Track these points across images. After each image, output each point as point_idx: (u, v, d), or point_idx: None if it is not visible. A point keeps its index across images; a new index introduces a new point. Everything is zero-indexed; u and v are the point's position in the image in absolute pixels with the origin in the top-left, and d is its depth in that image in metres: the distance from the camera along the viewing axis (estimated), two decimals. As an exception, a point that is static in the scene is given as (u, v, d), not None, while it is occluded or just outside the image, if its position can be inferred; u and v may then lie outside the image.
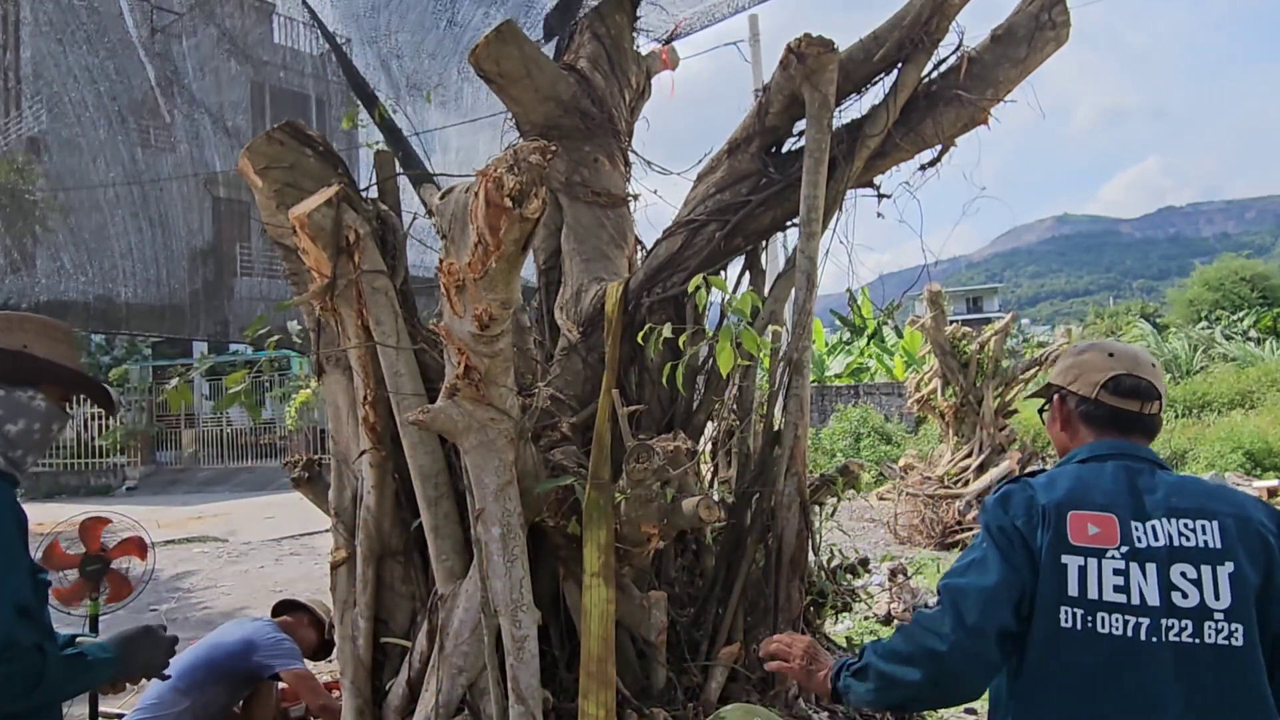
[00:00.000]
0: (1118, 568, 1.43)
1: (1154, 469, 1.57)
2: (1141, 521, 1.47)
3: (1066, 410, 1.71)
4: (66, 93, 6.74)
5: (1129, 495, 1.51)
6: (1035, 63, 2.72)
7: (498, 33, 2.90)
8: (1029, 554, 1.47)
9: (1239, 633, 1.38)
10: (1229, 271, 35.20)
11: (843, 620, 5.37)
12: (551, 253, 3.37)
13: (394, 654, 2.65)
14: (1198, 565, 1.42)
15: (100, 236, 7.00)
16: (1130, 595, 1.42)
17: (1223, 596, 1.40)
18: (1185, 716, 1.38)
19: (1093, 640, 1.41)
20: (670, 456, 2.19)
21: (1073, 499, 1.50)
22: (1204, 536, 1.45)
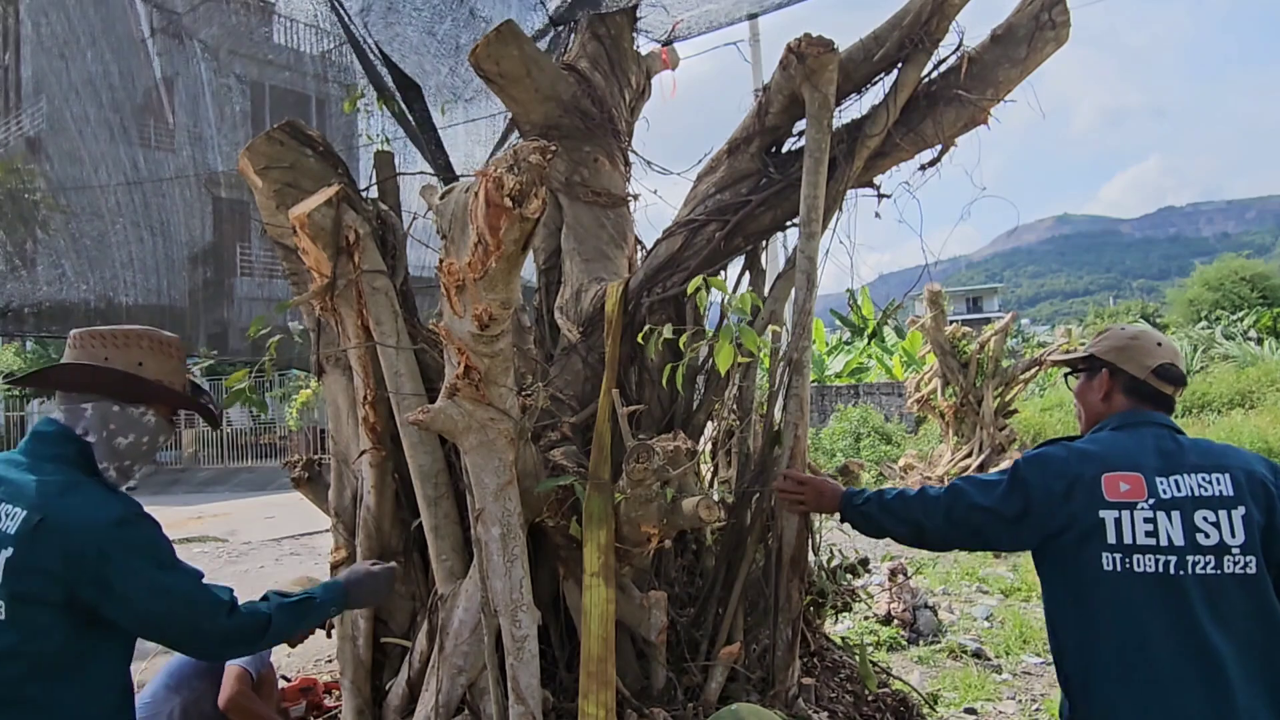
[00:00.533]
0: (1147, 516, 1.78)
1: (1174, 434, 1.93)
2: (1166, 477, 1.81)
3: (1114, 384, 2.02)
4: (66, 93, 6.74)
5: (1156, 456, 1.86)
6: (1035, 63, 2.72)
7: (498, 33, 2.90)
8: (1027, 501, 1.88)
9: (1252, 563, 1.75)
10: (1229, 271, 35.19)
11: (843, 620, 5.37)
12: (551, 253, 3.37)
13: (394, 654, 2.65)
14: (1216, 510, 1.77)
15: (100, 237, 6.99)
16: (1159, 538, 1.77)
17: (1238, 535, 1.75)
18: (1213, 632, 1.71)
19: (1132, 578, 1.77)
20: (670, 456, 2.19)
21: (1106, 464, 1.85)
22: (1219, 487, 1.80)
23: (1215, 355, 22.45)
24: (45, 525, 1.60)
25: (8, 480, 1.69)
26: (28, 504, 1.63)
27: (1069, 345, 10.23)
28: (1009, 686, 5.17)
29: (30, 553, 1.59)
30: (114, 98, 6.88)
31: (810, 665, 3.04)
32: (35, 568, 1.59)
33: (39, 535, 1.59)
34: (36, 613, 1.60)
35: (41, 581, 1.59)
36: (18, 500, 1.64)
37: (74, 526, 1.61)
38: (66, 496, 1.66)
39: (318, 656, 5.57)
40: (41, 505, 1.62)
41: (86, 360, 1.79)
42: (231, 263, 10.11)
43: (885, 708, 2.96)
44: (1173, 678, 1.73)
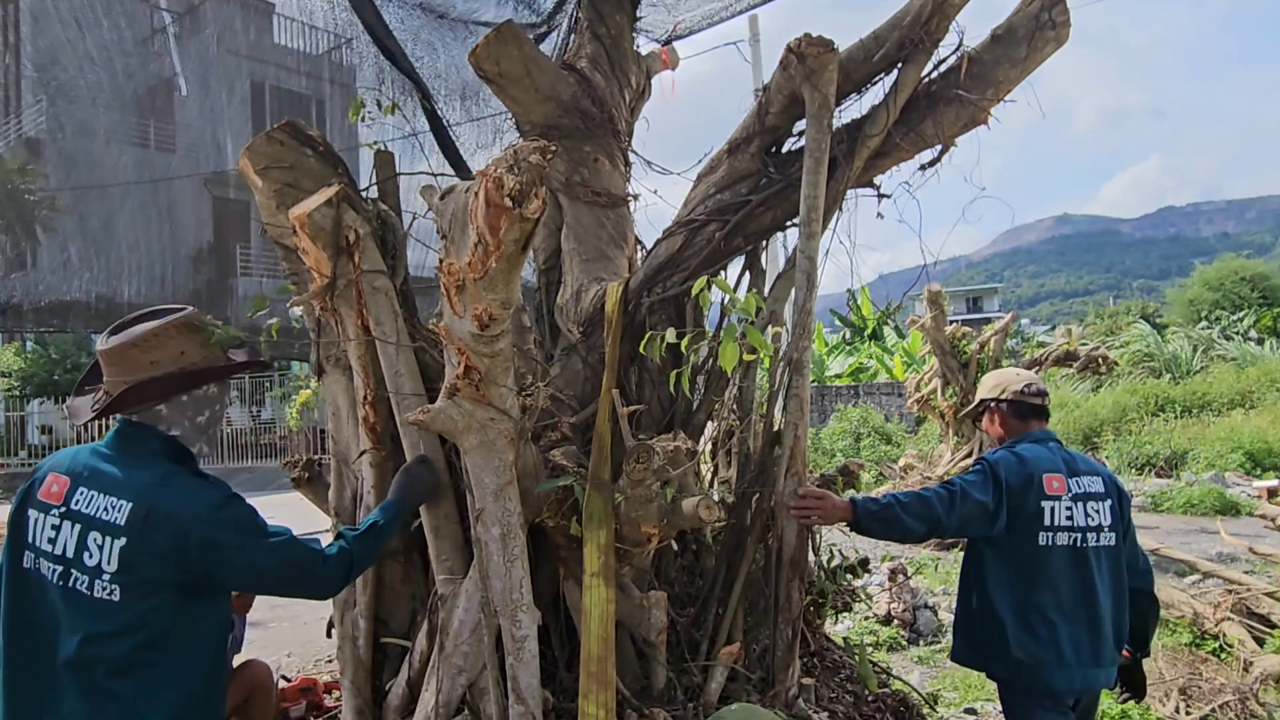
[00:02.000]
0: (1067, 505, 2.52)
1: (1061, 446, 2.72)
2: (1073, 477, 2.57)
3: (1003, 413, 2.80)
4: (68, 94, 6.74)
5: (1063, 463, 2.61)
6: (1035, 63, 2.72)
7: (498, 33, 2.90)
8: (1002, 496, 2.51)
9: (1113, 538, 2.55)
10: (1229, 271, 35.17)
11: (843, 620, 5.37)
12: (551, 253, 3.37)
13: (394, 654, 2.65)
14: (1098, 502, 2.56)
15: (100, 237, 6.99)
16: (1074, 521, 2.52)
17: (1109, 519, 2.55)
18: (1102, 588, 2.50)
19: (1056, 550, 2.50)
20: (670, 456, 2.19)
21: (1040, 467, 2.56)
22: (1097, 486, 2.59)
23: (1215, 355, 22.45)
24: (154, 515, 1.76)
25: (100, 472, 1.83)
26: (133, 496, 1.78)
27: (1069, 345, 10.23)
28: (1009, 686, 5.16)
29: (142, 541, 1.74)
30: (116, 99, 6.88)
31: (810, 665, 3.04)
32: (150, 554, 1.75)
33: (149, 525, 1.75)
34: (150, 593, 1.76)
35: (157, 566, 1.75)
36: (119, 493, 1.79)
37: (182, 514, 1.77)
38: (168, 488, 1.82)
39: (318, 657, 5.57)
40: (148, 497, 1.78)
41: (138, 375, 1.91)
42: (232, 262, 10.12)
43: (885, 708, 2.96)
44: (1074, 615, 2.48)
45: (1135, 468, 15.06)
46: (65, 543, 1.78)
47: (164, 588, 1.78)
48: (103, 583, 1.74)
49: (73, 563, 1.77)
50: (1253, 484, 12.74)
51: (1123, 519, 2.59)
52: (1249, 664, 4.68)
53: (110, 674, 1.75)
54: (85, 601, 1.76)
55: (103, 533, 1.76)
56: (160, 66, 6.93)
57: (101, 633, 1.75)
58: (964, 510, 2.49)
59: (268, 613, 6.99)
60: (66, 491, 1.82)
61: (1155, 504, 12.04)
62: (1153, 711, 4.17)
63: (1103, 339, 23.64)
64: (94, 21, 6.44)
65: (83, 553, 1.77)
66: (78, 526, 1.78)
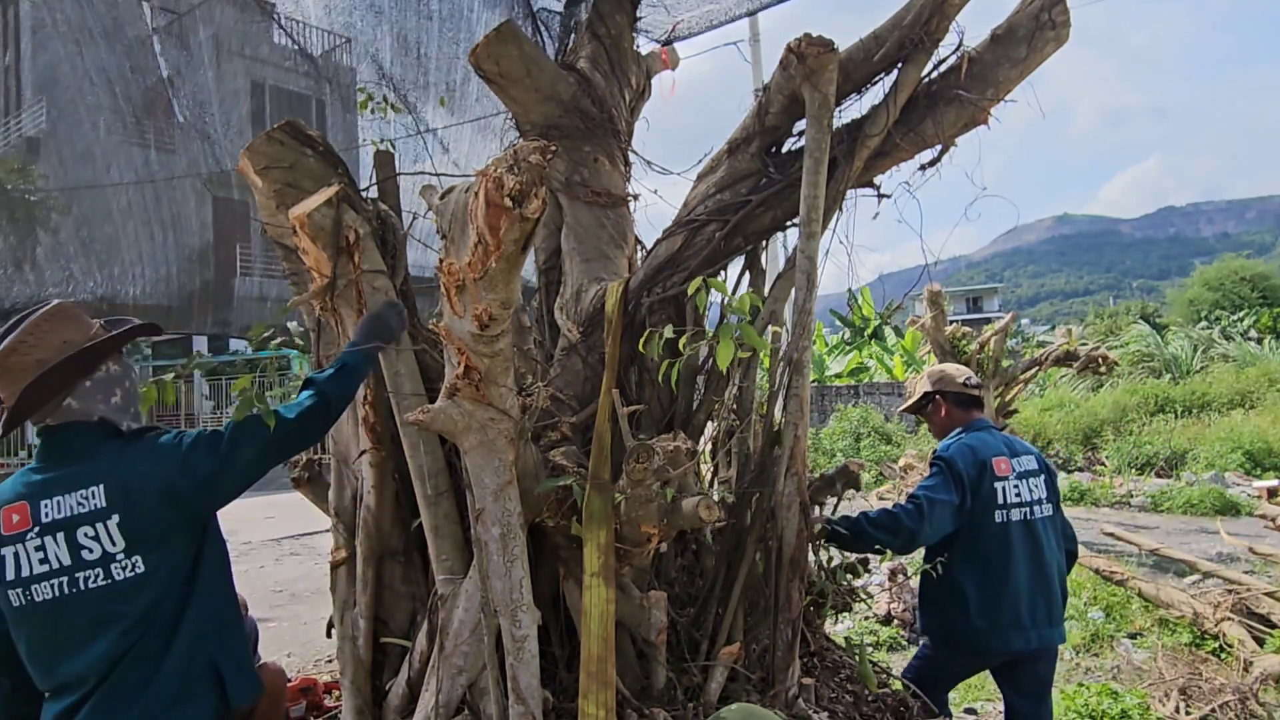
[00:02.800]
0: (1014, 484, 2.89)
1: (997, 432, 3.08)
2: (1015, 458, 2.94)
3: (948, 403, 3.17)
4: (68, 95, 6.74)
5: (1005, 447, 2.97)
6: (1035, 63, 2.72)
7: (498, 33, 2.90)
8: (964, 488, 2.84)
9: (1051, 508, 2.96)
10: (1229, 271, 35.18)
11: (843, 620, 5.37)
12: (551, 253, 3.37)
13: (394, 654, 2.65)
14: (1034, 478, 2.93)
15: (100, 238, 6.99)
16: (1022, 497, 2.88)
17: (1044, 492, 2.95)
18: (1050, 555, 2.90)
19: (1010, 525, 2.86)
20: (670, 456, 2.19)
21: (988, 452, 2.91)
22: (1031, 465, 2.96)
23: (1215, 355, 22.45)
24: (130, 484, 1.79)
25: (51, 481, 1.82)
26: (99, 479, 1.79)
27: (1069, 345, 10.23)
28: (1009, 686, 5.16)
29: (134, 508, 1.78)
30: (116, 99, 6.88)
31: (810, 665, 3.04)
32: (147, 516, 1.79)
33: (131, 493, 1.79)
34: (166, 551, 1.81)
35: (161, 522, 1.81)
36: (83, 484, 1.79)
37: (156, 471, 1.82)
38: (125, 456, 1.85)
39: (318, 657, 5.57)
40: (113, 473, 1.80)
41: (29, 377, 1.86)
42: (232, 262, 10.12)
43: (885, 708, 2.96)
44: (1031, 583, 2.84)
45: (1135, 468, 15.06)
46: (56, 555, 1.76)
47: (177, 541, 1.84)
48: (120, 564, 1.76)
49: (74, 567, 1.76)
50: (1253, 484, 12.74)
51: (1054, 491, 3.01)
52: (1249, 664, 4.68)
53: (157, 651, 1.78)
54: (108, 594, 1.76)
55: (91, 523, 1.76)
56: (160, 66, 6.93)
57: (134, 611, 1.77)
58: (935, 516, 2.81)
59: (268, 612, 6.99)
60: (30, 513, 1.78)
61: (1155, 504, 12.04)
62: (1153, 711, 4.17)
63: (1102, 339, 23.63)
64: (94, 22, 6.43)
65: (80, 552, 1.75)
66: (61, 534, 1.76)
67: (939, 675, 3.10)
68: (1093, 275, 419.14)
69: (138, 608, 1.78)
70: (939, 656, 3.08)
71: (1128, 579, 6.26)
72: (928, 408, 3.25)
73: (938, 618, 3.01)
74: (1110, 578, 6.45)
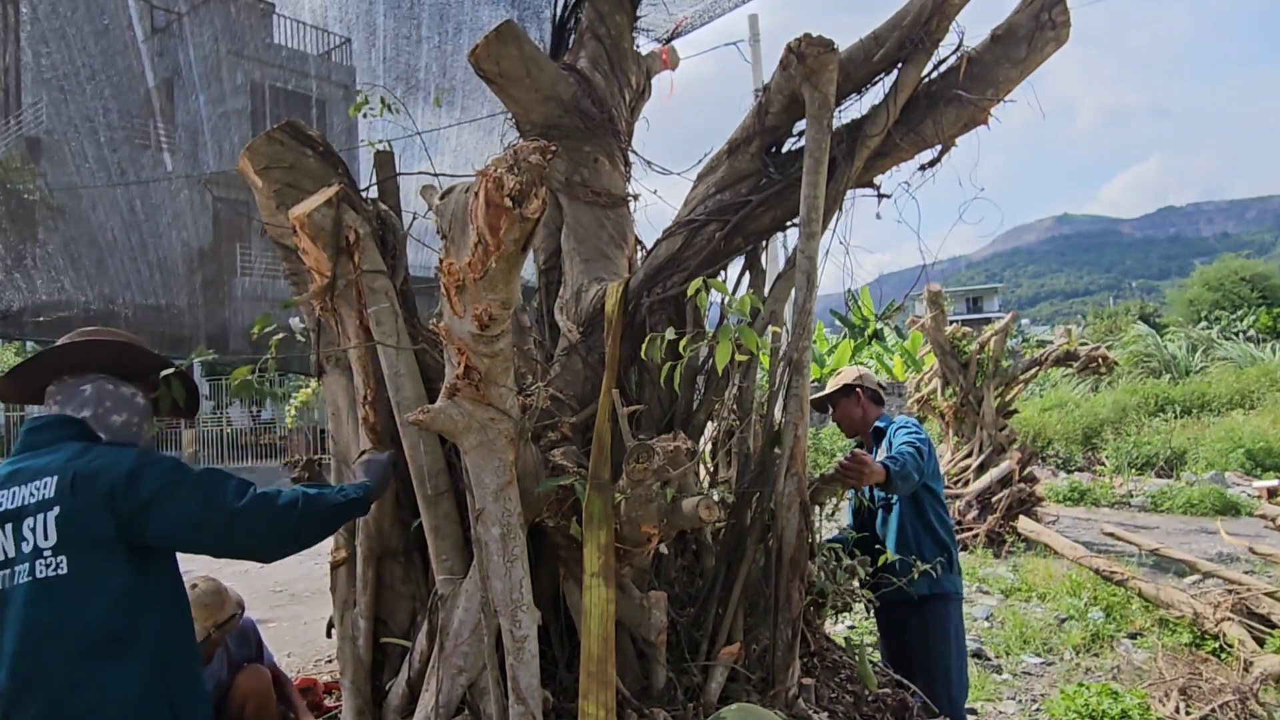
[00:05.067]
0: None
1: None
2: None
3: (866, 399, 3.71)
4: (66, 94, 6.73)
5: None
6: (1035, 63, 2.71)
7: (498, 33, 2.90)
8: (930, 449, 3.41)
9: None
10: (1229, 271, 35.20)
11: (843, 620, 5.37)
12: (551, 253, 3.37)
13: (394, 654, 2.65)
14: None
15: (100, 238, 6.99)
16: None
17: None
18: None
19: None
20: (670, 456, 2.19)
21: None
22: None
23: (1215, 355, 22.44)
24: (79, 479, 1.77)
25: (16, 471, 1.83)
26: (55, 471, 1.79)
27: (1069, 345, 10.23)
28: (1009, 686, 5.17)
29: (74, 503, 1.75)
30: (115, 99, 6.88)
31: (810, 665, 3.04)
32: (83, 514, 1.74)
33: (76, 487, 1.76)
34: (97, 556, 1.75)
35: (94, 523, 1.75)
36: (40, 476, 1.79)
37: (105, 472, 1.78)
38: (86, 456, 1.83)
39: (318, 657, 5.57)
40: (69, 467, 1.79)
41: (81, 339, 1.99)
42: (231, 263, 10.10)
43: (885, 708, 2.96)
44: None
45: (1135, 468, 15.05)
46: (2, 546, 1.75)
47: (109, 549, 1.76)
48: (44, 560, 1.72)
49: (15, 560, 1.74)
50: (1253, 484, 12.74)
51: None
52: (1249, 664, 4.68)
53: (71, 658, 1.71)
54: (32, 591, 1.72)
55: (35, 514, 1.75)
56: (160, 66, 6.93)
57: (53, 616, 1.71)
58: (928, 464, 3.34)
59: (268, 612, 6.99)
60: None
61: (1155, 504, 12.04)
62: (1153, 711, 4.17)
63: (1102, 339, 23.61)
64: (93, 22, 6.43)
65: (21, 544, 1.74)
66: (10, 525, 1.76)
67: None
68: (1093, 275, 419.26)
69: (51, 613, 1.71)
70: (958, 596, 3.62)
71: (1128, 579, 6.26)
72: (846, 399, 3.71)
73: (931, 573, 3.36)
74: (1110, 578, 6.45)
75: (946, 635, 3.53)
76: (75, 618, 1.72)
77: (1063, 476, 14.60)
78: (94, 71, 6.61)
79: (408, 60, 4.21)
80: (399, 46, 4.19)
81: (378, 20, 4.06)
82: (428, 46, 4.20)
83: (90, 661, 1.72)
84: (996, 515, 9.13)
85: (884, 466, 3.11)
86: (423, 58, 4.24)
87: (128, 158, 7.19)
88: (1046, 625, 6.17)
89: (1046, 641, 5.85)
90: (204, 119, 7.32)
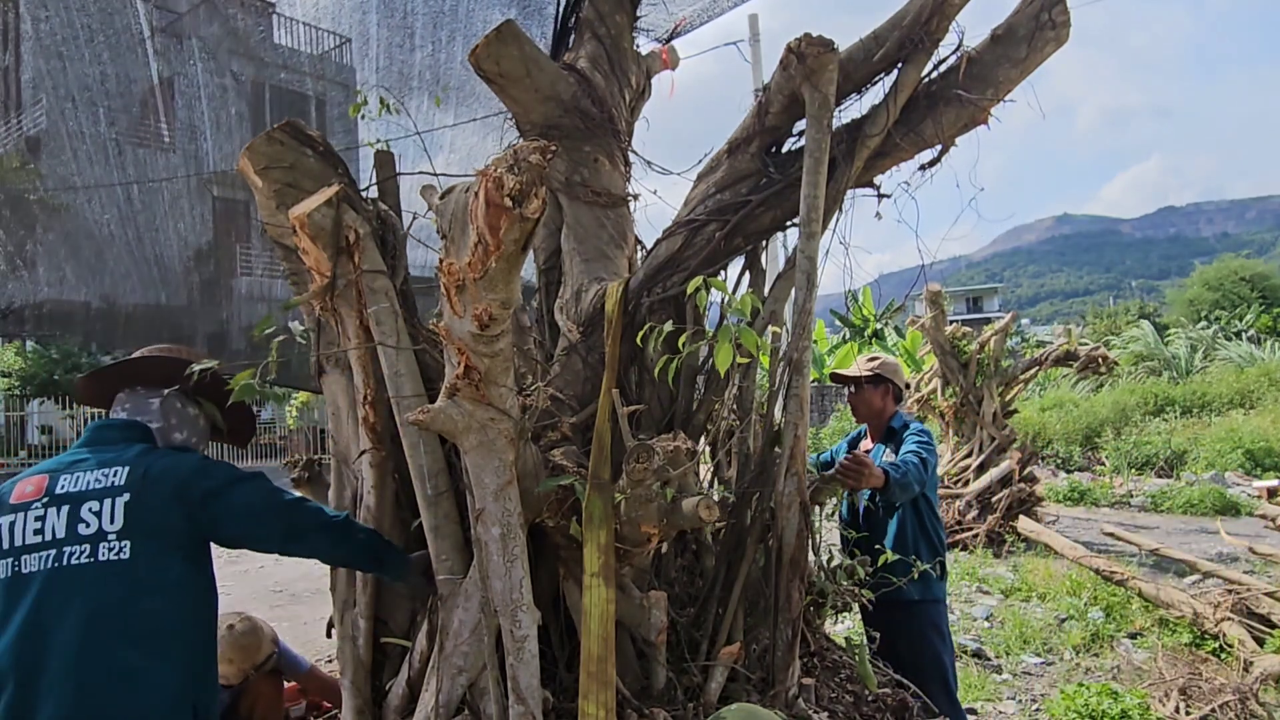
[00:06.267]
0: None
1: None
2: None
3: (894, 395, 3.70)
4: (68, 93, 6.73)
5: None
6: (1035, 63, 2.71)
7: (498, 33, 2.90)
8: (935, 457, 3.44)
9: None
10: (1229, 271, 35.21)
11: (843, 620, 5.37)
12: (551, 253, 3.37)
13: (394, 654, 2.65)
14: None
15: (99, 238, 6.99)
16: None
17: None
18: None
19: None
20: (670, 456, 2.19)
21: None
22: None
23: (1215, 355, 22.44)
24: (151, 473, 1.89)
25: (81, 460, 1.92)
26: (128, 463, 1.90)
27: (1069, 345, 10.23)
28: (1009, 686, 5.17)
29: (145, 493, 1.85)
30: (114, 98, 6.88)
31: (810, 665, 3.04)
32: (154, 504, 1.85)
33: (149, 480, 1.87)
34: (160, 548, 1.84)
35: (162, 514, 1.85)
36: (111, 464, 1.89)
37: (178, 469, 1.93)
38: (155, 454, 1.97)
39: (318, 657, 5.57)
40: (141, 462, 1.91)
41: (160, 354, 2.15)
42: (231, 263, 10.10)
43: (885, 708, 2.96)
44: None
45: (1135, 468, 15.05)
46: (53, 527, 1.80)
47: (171, 540, 1.86)
48: (109, 543, 1.79)
49: (65, 540, 1.78)
50: (1253, 484, 12.74)
51: None
52: (1249, 664, 4.68)
53: (120, 643, 1.76)
54: (89, 573, 1.77)
55: (100, 499, 1.82)
56: (160, 66, 6.92)
57: (111, 600, 1.77)
58: (930, 476, 3.37)
59: (268, 612, 6.99)
60: (46, 486, 1.86)
61: (1155, 504, 12.04)
62: (1153, 711, 4.18)
63: (1103, 339, 23.60)
64: (93, 22, 6.43)
65: (77, 526, 1.79)
66: (66, 507, 1.81)
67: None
68: (1093, 275, 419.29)
69: (109, 600, 1.77)
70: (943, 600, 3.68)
71: (1128, 579, 6.26)
72: (875, 388, 3.70)
73: (928, 576, 3.44)
74: (1110, 578, 6.45)
75: (943, 635, 3.58)
76: (133, 604, 1.79)
77: (1063, 476, 14.60)
78: (93, 71, 6.61)
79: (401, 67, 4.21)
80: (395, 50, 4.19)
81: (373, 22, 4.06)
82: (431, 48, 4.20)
83: (137, 649, 1.78)
84: (996, 515, 9.13)
85: (884, 471, 3.11)
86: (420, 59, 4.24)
87: (128, 157, 7.19)
88: (1046, 625, 6.17)
89: (1046, 641, 5.85)
90: (204, 118, 7.31)
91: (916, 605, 3.53)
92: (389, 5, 3.97)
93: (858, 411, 3.81)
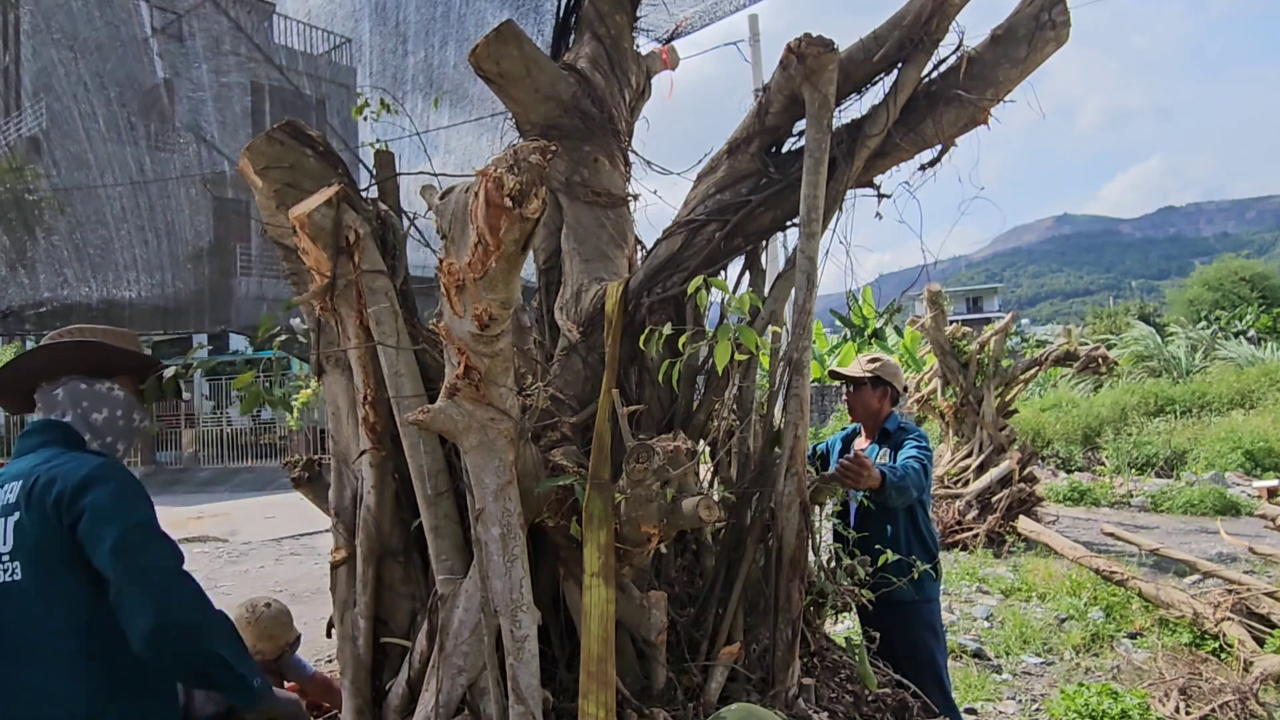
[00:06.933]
0: None
1: None
2: None
3: (892, 398, 3.75)
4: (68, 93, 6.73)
5: None
6: (1035, 63, 2.72)
7: (498, 33, 2.90)
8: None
9: None
10: (1229, 271, 35.21)
11: (843, 620, 5.37)
12: (551, 253, 3.37)
13: (394, 654, 2.65)
14: None
15: (102, 237, 6.99)
16: None
17: None
18: None
19: None
20: (670, 456, 2.19)
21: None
22: None
23: (1215, 355, 22.44)
24: (37, 486, 1.77)
25: (10, 470, 1.87)
26: (24, 475, 1.81)
27: (1069, 345, 10.23)
28: (1009, 686, 5.17)
29: (29, 511, 1.75)
30: (116, 99, 6.88)
31: (810, 665, 3.04)
32: (35, 522, 1.74)
33: (34, 495, 1.76)
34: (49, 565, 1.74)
35: (40, 527, 1.74)
36: (15, 478, 1.82)
37: (60, 477, 1.77)
38: (51, 462, 1.83)
39: (318, 657, 5.57)
40: (33, 473, 1.80)
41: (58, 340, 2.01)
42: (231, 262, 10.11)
43: (885, 708, 2.96)
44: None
45: (1135, 468, 15.04)
46: None
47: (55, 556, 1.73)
48: (3, 564, 1.73)
49: None
50: (1253, 484, 12.74)
51: None
52: (1249, 664, 4.68)
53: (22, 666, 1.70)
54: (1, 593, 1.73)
55: (4, 516, 1.78)
56: (160, 66, 6.92)
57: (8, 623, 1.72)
58: (928, 482, 3.45)
59: (268, 613, 6.98)
60: None
61: (1155, 504, 12.04)
62: (1153, 711, 4.18)
63: (1103, 339, 23.60)
64: (93, 22, 6.43)
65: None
66: None
67: None
68: (1093, 275, 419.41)
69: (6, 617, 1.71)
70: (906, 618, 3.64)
71: (1128, 579, 6.26)
72: (873, 389, 3.75)
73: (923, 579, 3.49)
74: (1110, 578, 6.45)
75: (937, 634, 3.62)
76: (31, 626, 1.71)
77: (1063, 476, 14.60)
78: (93, 72, 6.61)
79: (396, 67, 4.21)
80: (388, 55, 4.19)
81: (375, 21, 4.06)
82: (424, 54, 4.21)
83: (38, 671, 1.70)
84: (996, 515, 9.13)
85: (882, 474, 3.14)
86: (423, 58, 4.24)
87: (127, 157, 7.19)
88: (1046, 625, 6.17)
89: (1046, 641, 5.85)
90: (205, 117, 7.31)
91: (911, 605, 3.56)
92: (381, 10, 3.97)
93: (854, 411, 3.87)
